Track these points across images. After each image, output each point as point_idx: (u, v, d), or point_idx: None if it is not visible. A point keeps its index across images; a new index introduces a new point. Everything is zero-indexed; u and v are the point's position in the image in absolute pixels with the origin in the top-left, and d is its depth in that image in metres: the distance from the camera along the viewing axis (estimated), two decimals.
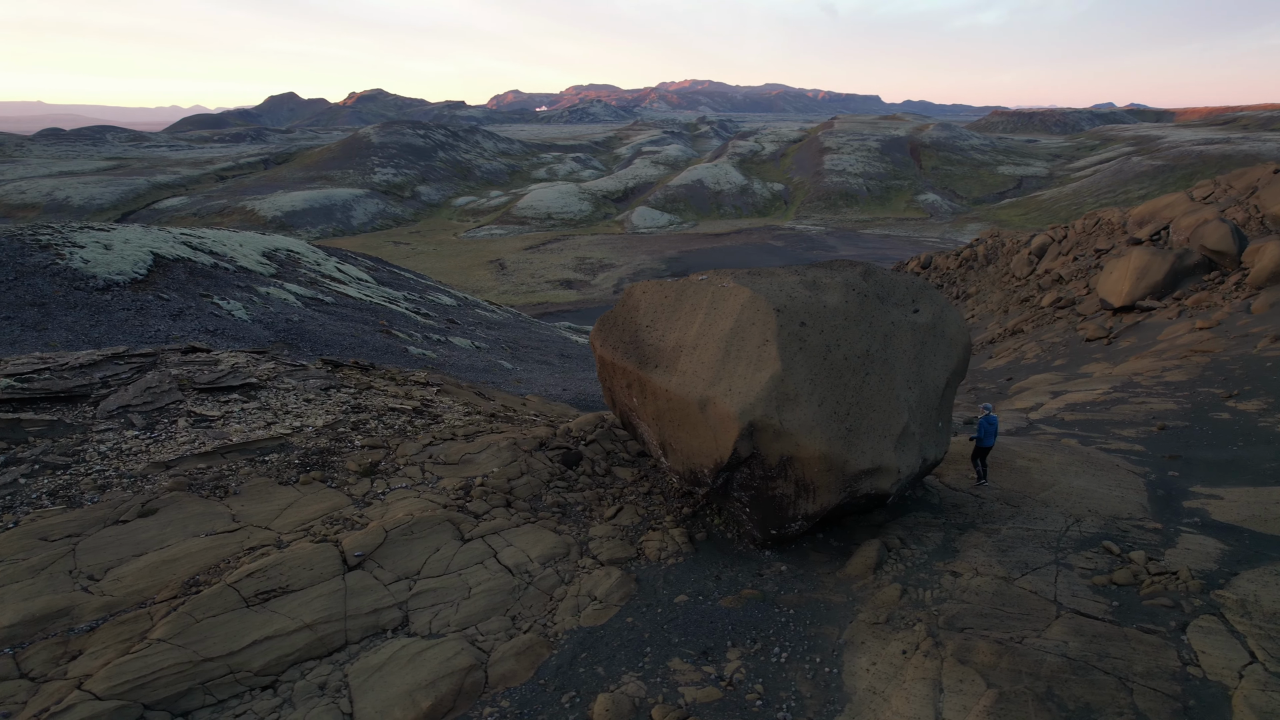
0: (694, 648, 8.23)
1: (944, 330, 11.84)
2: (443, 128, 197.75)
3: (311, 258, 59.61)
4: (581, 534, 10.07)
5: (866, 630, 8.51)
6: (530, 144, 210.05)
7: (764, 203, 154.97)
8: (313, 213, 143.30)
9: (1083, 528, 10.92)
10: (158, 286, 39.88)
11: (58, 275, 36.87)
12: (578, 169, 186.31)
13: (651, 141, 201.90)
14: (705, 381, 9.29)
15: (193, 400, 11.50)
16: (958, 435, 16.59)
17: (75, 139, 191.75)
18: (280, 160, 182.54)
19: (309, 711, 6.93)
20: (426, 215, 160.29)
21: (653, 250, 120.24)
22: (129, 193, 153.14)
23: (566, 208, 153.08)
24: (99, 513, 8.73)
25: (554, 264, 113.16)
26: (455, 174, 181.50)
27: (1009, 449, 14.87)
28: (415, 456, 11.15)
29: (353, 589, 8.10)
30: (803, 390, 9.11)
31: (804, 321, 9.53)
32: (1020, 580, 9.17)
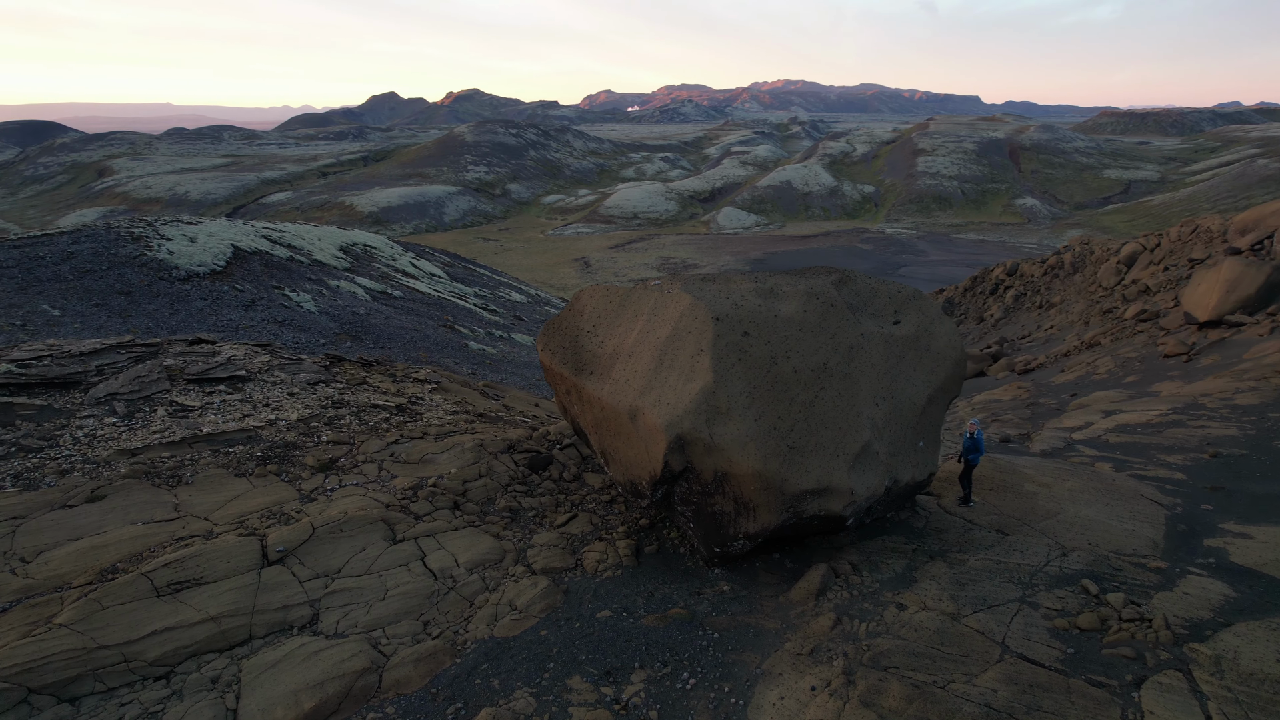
0: (599, 667, 7.95)
1: (929, 344, 11.13)
2: (535, 127, 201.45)
3: (387, 253, 61.53)
4: (524, 540, 9.92)
5: (788, 661, 8.03)
6: (620, 143, 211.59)
7: (853, 205, 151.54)
8: (407, 208, 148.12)
9: (1066, 563, 10.05)
10: (234, 278, 41.83)
11: (145, 265, 39.08)
12: (666, 169, 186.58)
13: (741, 142, 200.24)
14: (636, 391, 8.98)
15: (178, 390, 11.92)
16: (948, 456, 15.66)
17: (196, 138, 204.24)
18: (379, 157, 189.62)
19: (193, 704, 7.01)
20: (516, 212, 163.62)
21: (737, 251, 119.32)
22: (240, 188, 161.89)
23: (653, 207, 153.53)
24: (49, 496, 9.11)
25: (638, 263, 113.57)
26: (545, 172, 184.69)
27: (1021, 471, 13.90)
28: (377, 454, 11.24)
29: (266, 584, 8.18)
30: (737, 404, 8.68)
31: (748, 331, 9.09)
32: (969, 618, 8.48)
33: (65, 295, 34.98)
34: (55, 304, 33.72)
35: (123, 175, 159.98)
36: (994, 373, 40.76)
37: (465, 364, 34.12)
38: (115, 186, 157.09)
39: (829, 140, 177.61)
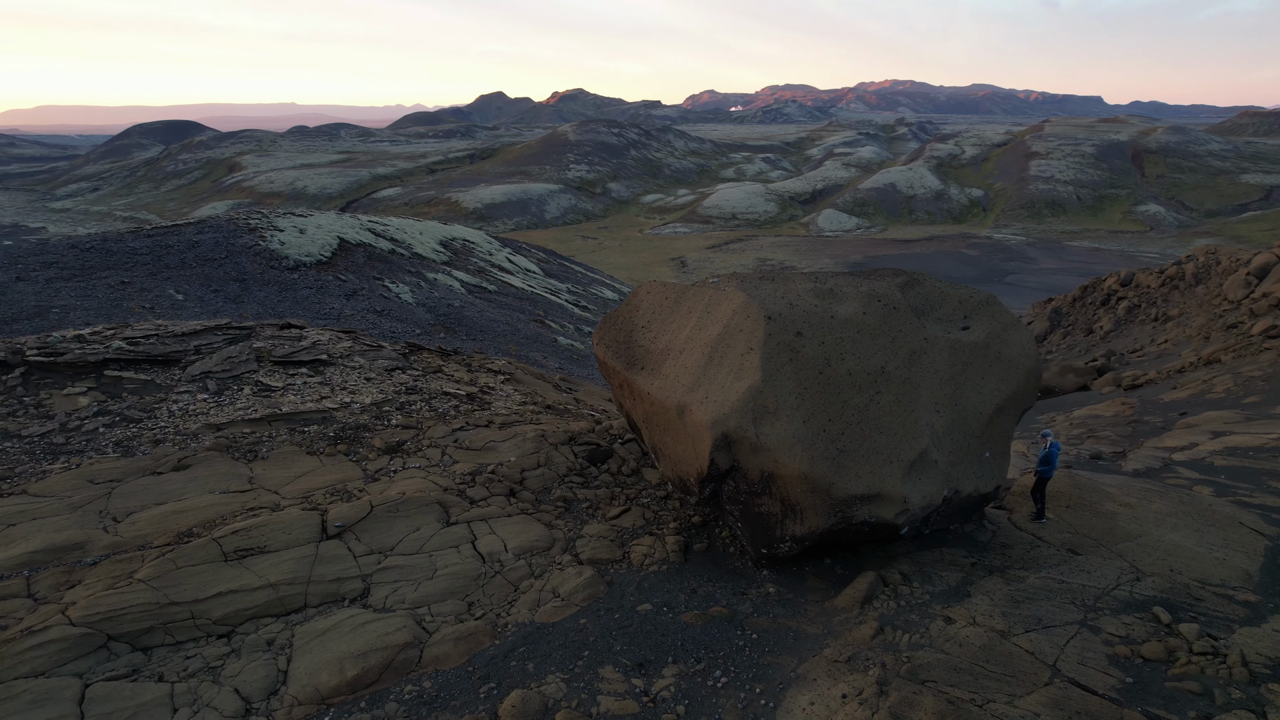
0: (632, 658, 8.02)
1: (1000, 352, 10.70)
2: (636, 126, 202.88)
3: (485, 248, 63.23)
4: (575, 530, 10.09)
5: (824, 667, 7.89)
6: (720, 144, 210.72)
7: (960, 209, 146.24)
8: (510, 205, 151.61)
9: (1139, 588, 9.47)
10: (338, 268, 43.83)
11: (258, 255, 41.45)
12: (766, 169, 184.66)
13: (844, 143, 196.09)
14: (685, 387, 9.00)
15: (265, 371, 12.69)
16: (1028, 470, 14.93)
17: (316, 135, 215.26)
18: (484, 155, 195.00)
19: (249, 663, 7.49)
20: (615, 211, 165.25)
21: (836, 254, 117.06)
22: (353, 183, 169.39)
23: (752, 208, 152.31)
24: (142, 463, 9.87)
25: (734, 264, 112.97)
26: (645, 172, 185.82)
27: (1103, 489, 13.14)
28: (441, 439, 11.65)
29: (323, 556, 8.63)
30: (785, 404, 8.58)
31: (800, 331, 8.96)
32: (1020, 637, 8.12)
33: (188, 281, 37.49)
34: (179, 289, 36.19)
35: (250, 171, 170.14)
36: (1098, 387, 38.59)
37: (554, 358, 34.80)
38: (243, 181, 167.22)
39: (936, 142, 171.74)
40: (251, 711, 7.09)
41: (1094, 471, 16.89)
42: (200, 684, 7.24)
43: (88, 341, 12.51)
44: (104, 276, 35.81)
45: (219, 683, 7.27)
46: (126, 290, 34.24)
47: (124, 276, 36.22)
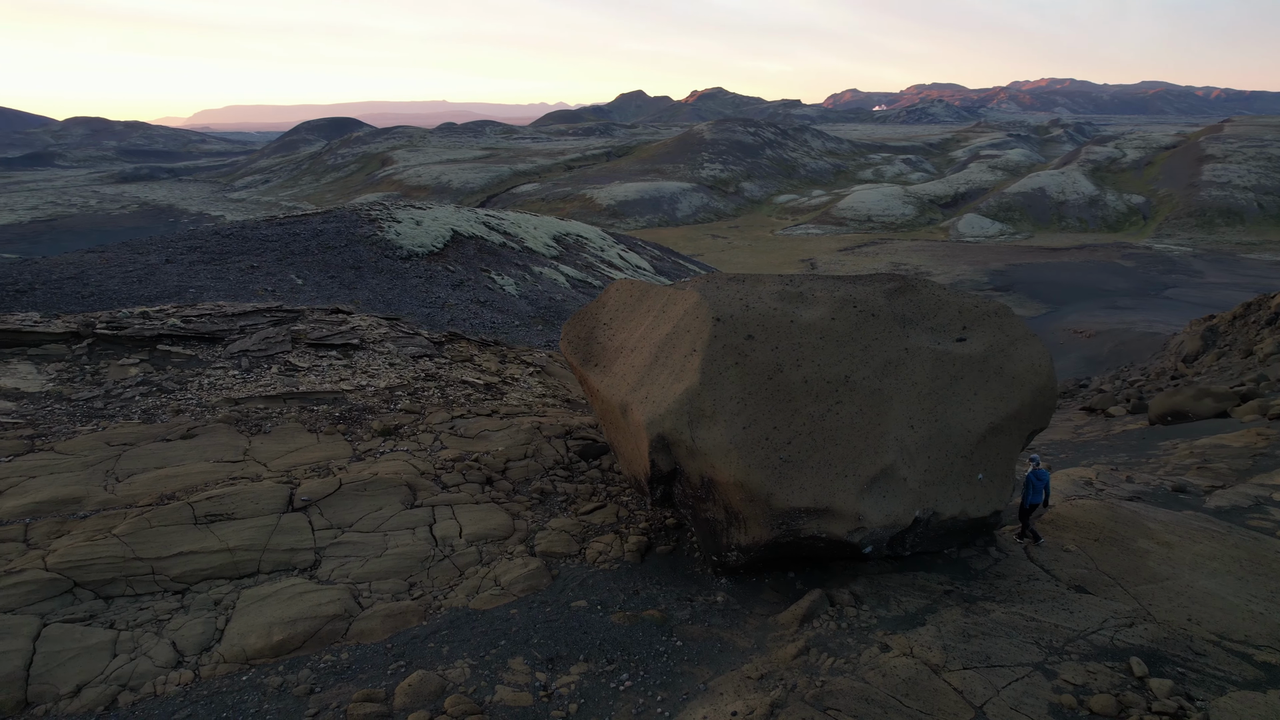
0: (545, 652, 8.05)
1: (1000, 366, 9.93)
2: (773, 125, 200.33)
3: (597, 244, 64.32)
4: (539, 523, 10.21)
5: (735, 682, 7.62)
6: (859, 144, 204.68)
7: (1117, 217, 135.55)
8: (642, 203, 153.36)
9: (1126, 634, 8.56)
10: (448, 259, 45.81)
11: (375, 244, 43.96)
12: (906, 171, 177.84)
13: (992, 145, 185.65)
14: (629, 386, 8.90)
15: (296, 352, 13.56)
16: None
17: (462, 132, 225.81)
18: (620, 153, 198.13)
19: (192, 619, 8.09)
20: (747, 211, 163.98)
21: (976, 261, 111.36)
22: (494, 178, 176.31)
23: (888, 210, 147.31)
24: (157, 430, 10.80)
25: (866, 267, 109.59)
26: (780, 171, 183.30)
27: (1142, 524, 11.91)
28: (438, 425, 12.05)
29: (282, 527, 9.17)
30: (724, 408, 8.33)
31: (752, 335, 8.66)
32: (953, 674, 7.52)
33: (309, 267, 40.19)
34: (300, 274, 38.88)
35: (400, 165, 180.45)
36: (1240, 415, 34.81)
37: (530, 347, 35.05)
38: (393, 175, 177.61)
39: (1094, 145, 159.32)
40: (182, 664, 7.66)
41: (1171, 505, 15.34)
42: (144, 634, 7.88)
43: (150, 318, 13.81)
44: (237, 261, 38.89)
45: (160, 635, 7.89)
46: (254, 274, 37.14)
47: (254, 261, 39.19)
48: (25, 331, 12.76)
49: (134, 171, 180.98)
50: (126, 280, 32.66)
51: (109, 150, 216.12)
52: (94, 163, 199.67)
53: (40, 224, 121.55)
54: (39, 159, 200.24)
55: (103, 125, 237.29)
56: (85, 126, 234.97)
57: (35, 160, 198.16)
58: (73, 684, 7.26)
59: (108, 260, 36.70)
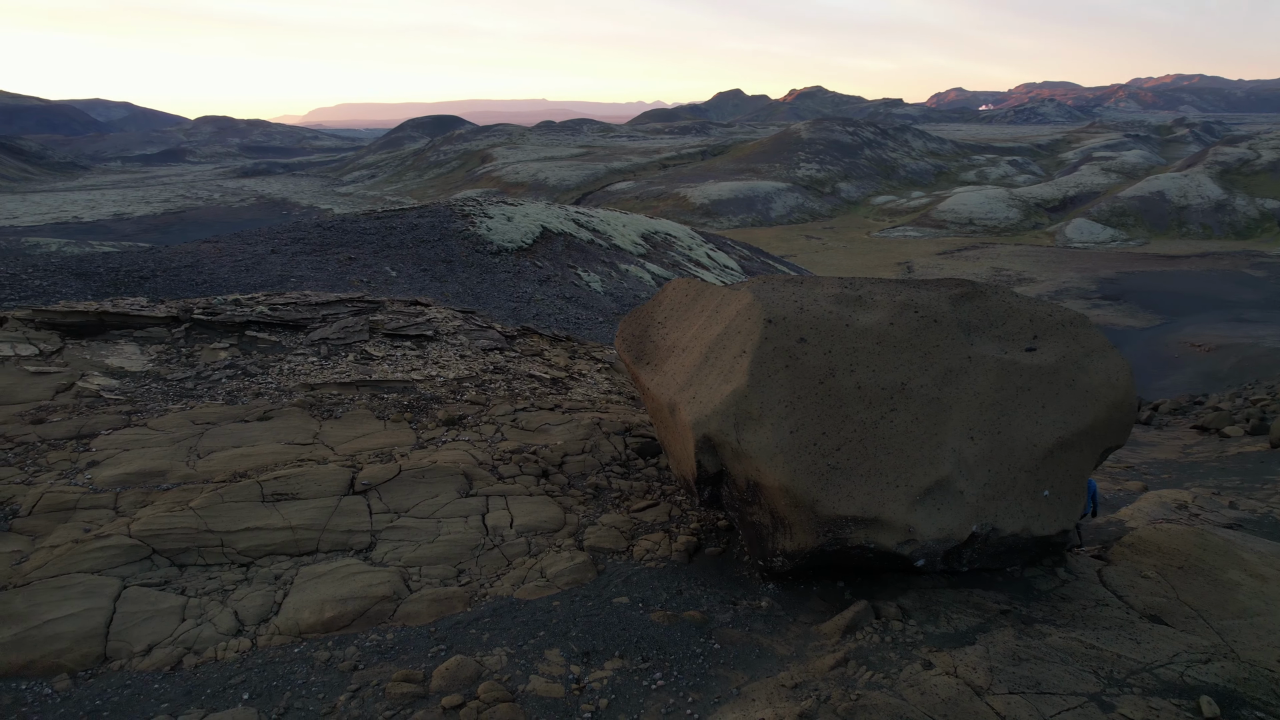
0: (582, 646, 8.13)
1: (1074, 379, 9.44)
2: (872, 125, 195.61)
3: (685, 242, 64.28)
4: (591, 518, 10.32)
5: (769, 689, 7.51)
6: (963, 144, 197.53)
7: (1246, 223, 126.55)
8: (736, 203, 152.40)
9: (1200, 670, 7.99)
10: (535, 255, 46.63)
11: (466, 239, 45.17)
12: (1012, 173, 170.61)
13: (1106, 146, 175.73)
14: (678, 386, 8.87)
15: (374, 341, 14.11)
16: None
17: (560, 130, 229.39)
18: (716, 152, 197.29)
19: (254, 591, 8.56)
20: (843, 212, 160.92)
21: (1084, 268, 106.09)
22: (589, 176, 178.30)
23: (991, 213, 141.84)
24: (237, 411, 11.45)
25: (965, 271, 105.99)
26: (878, 172, 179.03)
27: (1237, 554, 11.06)
28: (501, 417, 12.33)
29: (342, 509, 9.57)
30: (771, 411, 8.20)
31: (805, 338, 8.50)
32: (997, 698, 7.18)
33: (403, 260, 41.63)
34: (395, 266, 40.33)
35: (499, 162, 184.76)
36: None
37: (602, 343, 34.98)
38: (492, 171, 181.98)
39: (1223, 145, 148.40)
40: (242, 632, 8.11)
41: (1277, 535, 14.26)
42: (210, 602, 8.39)
43: (242, 305, 14.66)
44: (336, 252, 40.58)
45: (225, 604, 8.38)
46: (351, 265, 38.71)
47: (352, 253, 40.83)
48: (133, 315, 13.75)
49: (253, 166, 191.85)
50: (235, 269, 34.56)
51: (233, 147, 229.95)
52: (219, 158, 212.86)
53: (171, 215, 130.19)
54: (172, 155, 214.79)
55: (228, 123, 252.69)
56: (213, 125, 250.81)
57: (169, 156, 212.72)
58: (145, 644, 7.79)
59: (220, 250, 38.89)
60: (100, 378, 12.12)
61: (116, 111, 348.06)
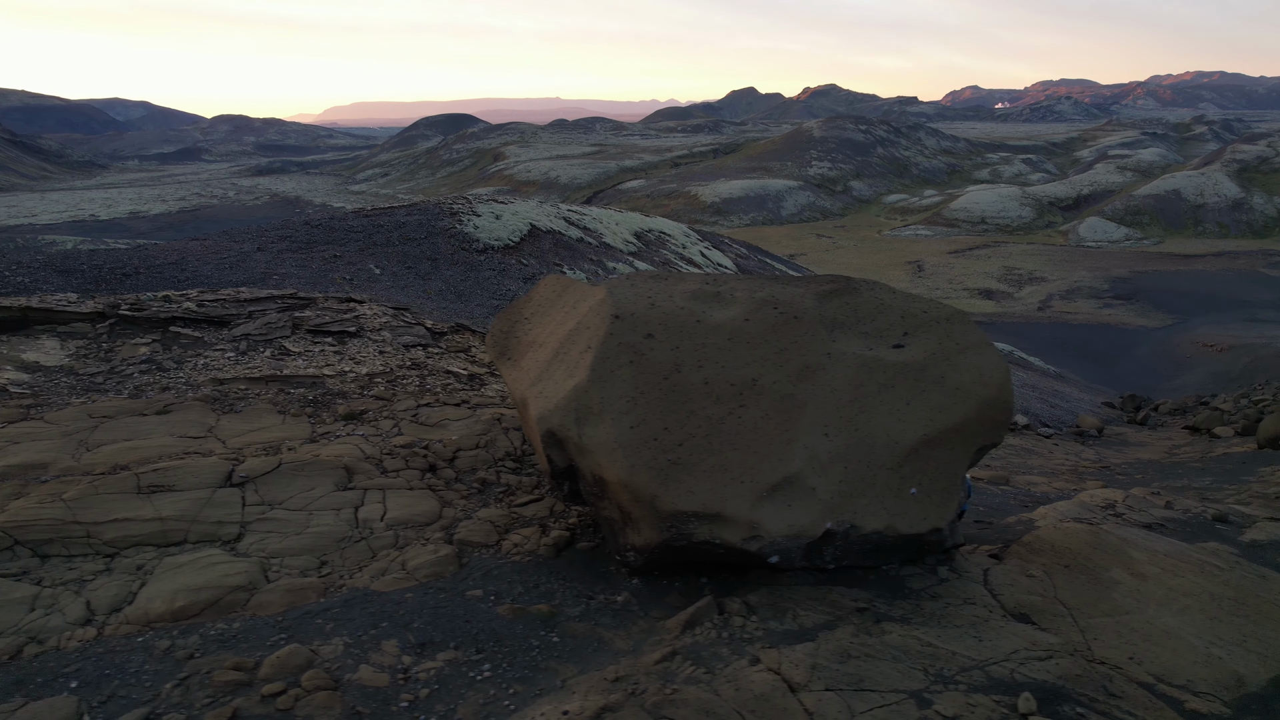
0: (420, 637, 8.22)
1: (943, 376, 9.41)
2: (885, 124, 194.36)
3: (680, 240, 64.14)
4: (469, 512, 10.40)
5: (591, 683, 7.55)
6: (977, 143, 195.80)
7: (1265, 222, 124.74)
8: (747, 201, 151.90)
9: (1033, 668, 7.95)
10: (522, 253, 46.72)
11: (452, 237, 45.33)
12: (1026, 171, 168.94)
13: (1123, 144, 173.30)
14: (529, 381, 8.94)
15: (295, 337, 14.28)
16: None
17: (572, 128, 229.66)
18: (728, 150, 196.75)
19: (111, 580, 8.71)
20: (854, 210, 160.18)
21: (1096, 267, 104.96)
22: (601, 174, 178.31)
23: (1004, 212, 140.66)
24: (137, 405, 11.64)
25: (977, 271, 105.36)
26: (890, 170, 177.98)
27: (1128, 553, 10.97)
28: (402, 413, 12.44)
29: (215, 501, 9.72)
30: (612, 407, 8.25)
31: (652, 334, 8.53)
32: (811, 694, 7.19)
33: (388, 258, 41.85)
34: (379, 264, 40.55)
35: (511, 160, 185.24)
36: None
37: None
38: (504, 170, 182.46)
39: (1242, 143, 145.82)
40: (90, 621, 8.26)
41: (1201, 535, 14.10)
42: (64, 592, 8.55)
43: (171, 302, 14.89)
44: (323, 250, 40.84)
45: (80, 594, 8.54)
46: (336, 263, 38.98)
47: (337, 251, 41.08)
48: (58, 310, 14.01)
49: (268, 165, 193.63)
50: (220, 266, 34.87)
51: (248, 145, 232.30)
52: (235, 157, 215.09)
53: (186, 213, 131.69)
54: (188, 154, 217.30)
55: (244, 122, 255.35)
56: (229, 123, 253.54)
57: (185, 155, 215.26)
58: None
59: (206, 248, 39.23)
60: (12, 372, 12.38)
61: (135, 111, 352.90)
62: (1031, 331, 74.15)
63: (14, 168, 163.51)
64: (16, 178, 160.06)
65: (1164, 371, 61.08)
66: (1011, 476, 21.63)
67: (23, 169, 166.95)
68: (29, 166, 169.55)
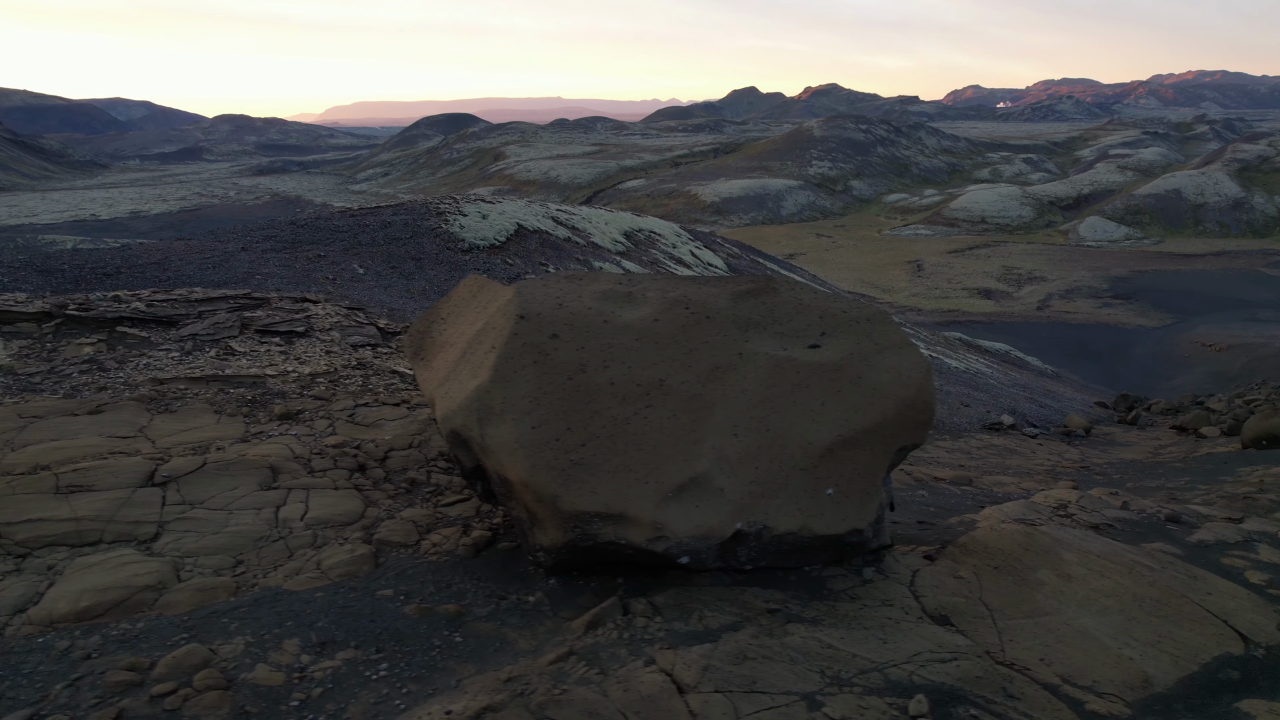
0: (322, 636, 8.22)
1: (859, 376, 9.37)
2: (885, 123, 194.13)
3: (670, 240, 64.07)
4: (394, 512, 10.40)
5: (484, 683, 7.54)
6: (977, 142, 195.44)
7: (1265, 221, 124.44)
8: (747, 200, 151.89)
9: (932, 670, 7.91)
10: (507, 253, 46.68)
11: (438, 237, 45.33)
12: (1026, 171, 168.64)
13: (1124, 143, 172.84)
14: (438, 381, 8.93)
15: (242, 337, 14.29)
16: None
17: (573, 128, 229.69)
18: (728, 150, 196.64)
19: (19, 581, 8.72)
20: (854, 210, 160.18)
21: (1095, 266, 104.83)
22: (601, 174, 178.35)
23: (1004, 211, 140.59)
24: (70, 405, 11.66)
25: (976, 270, 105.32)
26: (891, 170, 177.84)
27: (1058, 554, 10.92)
28: (338, 412, 12.45)
29: (134, 500, 9.73)
30: (515, 407, 8.24)
31: (557, 334, 8.52)
32: (699, 696, 7.17)
33: (373, 258, 41.86)
34: (363, 264, 40.56)
35: (512, 160, 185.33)
36: None
37: None
38: (504, 169, 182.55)
39: (1244, 142, 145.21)
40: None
41: (1151, 535, 14.03)
42: None
43: (122, 301, 14.93)
44: (307, 250, 40.84)
45: None
46: (320, 262, 38.99)
47: (322, 251, 41.08)
48: (3, 310, 14.05)
49: (269, 165, 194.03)
50: (202, 266, 34.89)
51: (249, 145, 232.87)
52: (236, 156, 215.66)
53: (187, 213, 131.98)
54: (190, 154, 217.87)
55: (245, 121, 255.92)
56: (230, 123, 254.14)
57: (186, 155, 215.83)
58: None
59: (190, 248, 39.24)
60: None
61: (137, 110, 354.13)
62: (1030, 331, 74.04)
63: (15, 167, 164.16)
64: (18, 177, 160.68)
65: (1162, 371, 60.87)
66: (980, 477, 21.55)
67: (24, 169, 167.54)
68: (30, 166, 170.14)
